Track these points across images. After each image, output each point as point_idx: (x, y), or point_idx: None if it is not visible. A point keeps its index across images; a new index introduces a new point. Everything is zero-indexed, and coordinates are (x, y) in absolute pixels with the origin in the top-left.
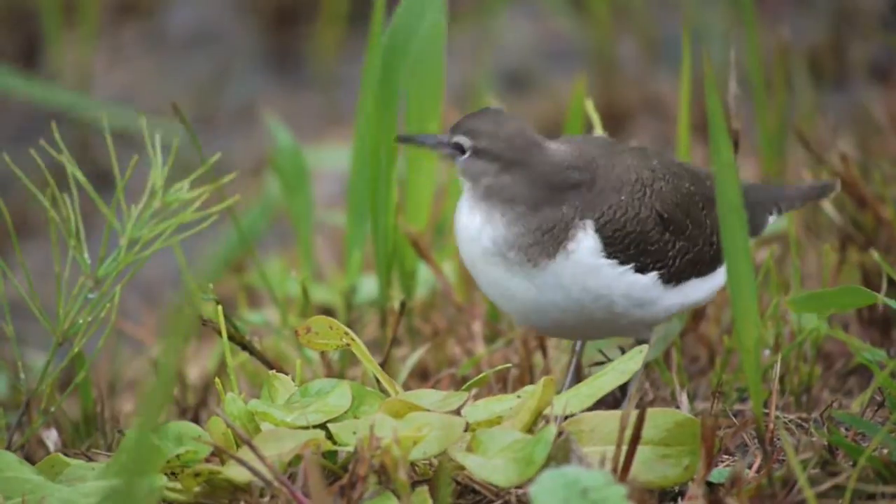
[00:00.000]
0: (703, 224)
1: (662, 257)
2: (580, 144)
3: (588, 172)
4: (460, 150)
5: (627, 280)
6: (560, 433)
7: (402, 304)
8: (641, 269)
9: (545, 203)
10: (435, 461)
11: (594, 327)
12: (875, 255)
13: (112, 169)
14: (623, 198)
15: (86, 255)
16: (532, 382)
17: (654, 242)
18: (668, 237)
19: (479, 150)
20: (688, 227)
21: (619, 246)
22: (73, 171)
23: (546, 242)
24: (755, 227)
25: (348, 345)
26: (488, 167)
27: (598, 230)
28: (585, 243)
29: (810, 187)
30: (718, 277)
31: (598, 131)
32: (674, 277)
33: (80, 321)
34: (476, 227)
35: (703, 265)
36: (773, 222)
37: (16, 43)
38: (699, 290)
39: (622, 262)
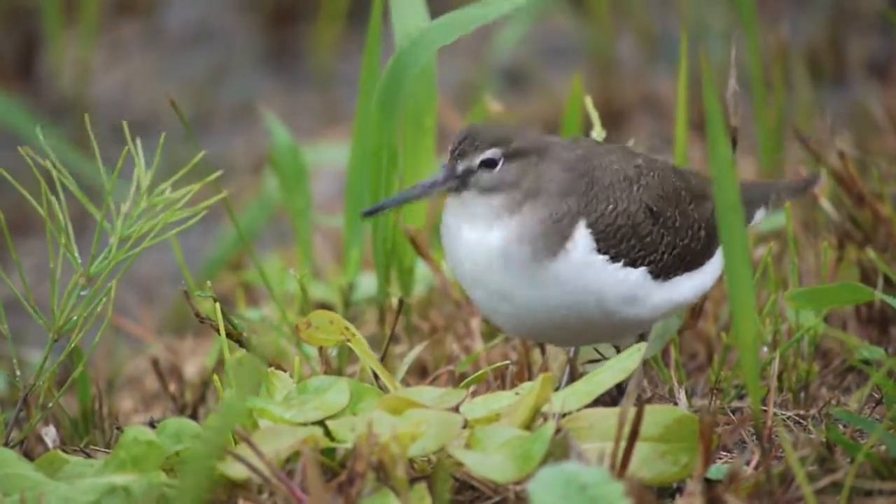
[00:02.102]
0: (691, 217)
1: (653, 250)
2: (570, 143)
3: (586, 171)
4: (489, 165)
5: (619, 275)
6: (558, 430)
7: (401, 302)
8: (632, 263)
9: (559, 194)
10: (433, 458)
11: (585, 329)
12: (872, 253)
13: (109, 167)
14: (613, 195)
15: (77, 254)
16: (530, 379)
17: (646, 235)
18: (657, 229)
19: (513, 152)
20: (676, 218)
21: (612, 241)
22: (61, 176)
23: (552, 234)
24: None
25: (348, 340)
26: (527, 164)
27: (591, 226)
28: (581, 242)
29: (798, 182)
30: (706, 274)
31: (597, 129)
32: (663, 272)
33: (75, 317)
34: (479, 233)
35: (691, 259)
36: (761, 219)
37: (16, 41)
38: (687, 286)
39: (614, 258)
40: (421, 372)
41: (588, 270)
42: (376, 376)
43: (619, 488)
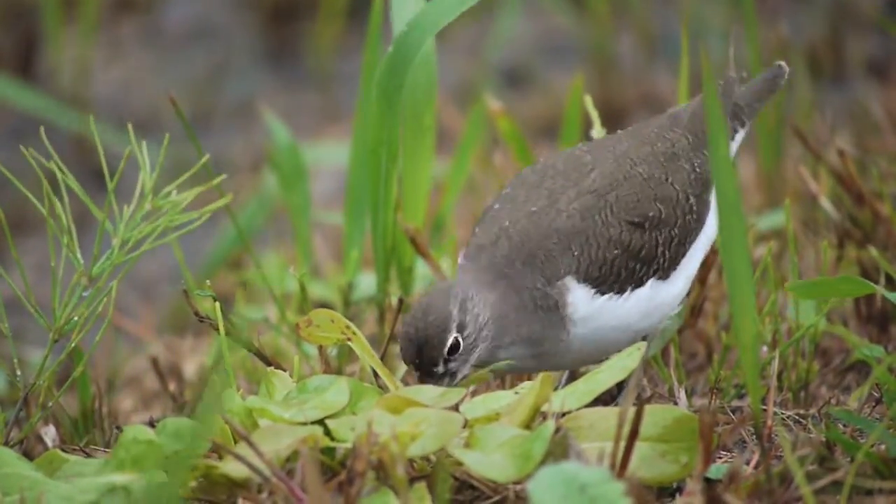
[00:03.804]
0: (673, 194)
1: (653, 257)
2: (499, 219)
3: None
4: (454, 349)
5: (630, 301)
6: (558, 429)
7: (400, 301)
8: (639, 283)
9: (521, 303)
10: (433, 457)
11: (612, 348)
12: (873, 251)
13: (114, 168)
14: (585, 238)
15: (79, 255)
16: (530, 379)
17: (640, 249)
18: (649, 235)
19: (459, 321)
20: (660, 211)
21: (610, 278)
22: (65, 177)
23: (552, 318)
24: None
25: (349, 339)
26: (472, 315)
27: (583, 280)
28: (577, 298)
29: (761, 81)
30: (708, 230)
31: (597, 128)
32: (670, 268)
33: (76, 318)
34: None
35: (691, 235)
36: (741, 136)
37: (15, 38)
38: (698, 253)
39: (620, 291)
40: None
41: (599, 315)
42: (376, 375)
43: (619, 488)
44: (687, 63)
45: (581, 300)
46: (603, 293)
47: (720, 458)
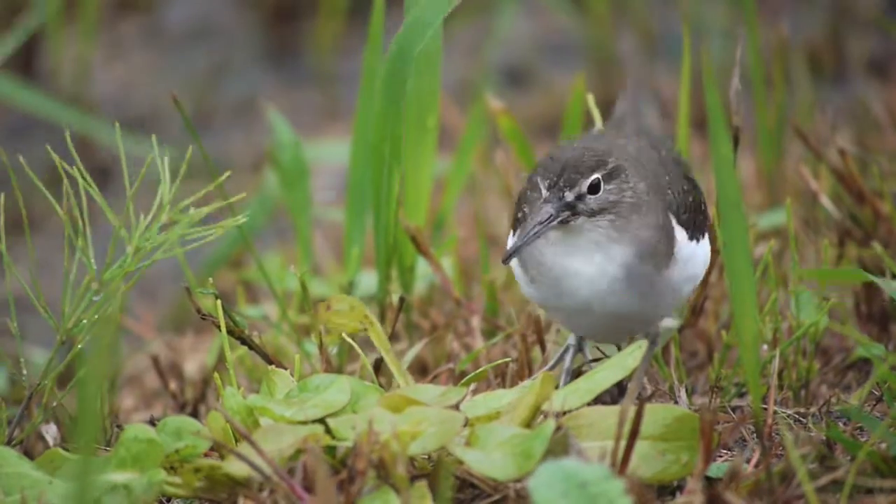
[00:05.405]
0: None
1: (702, 212)
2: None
3: (641, 164)
4: (594, 189)
5: (702, 249)
6: (559, 428)
7: (401, 299)
8: (703, 235)
9: (654, 198)
10: (434, 456)
11: (663, 311)
12: (877, 247)
13: (116, 166)
14: (667, 178)
15: (92, 258)
16: (531, 377)
17: (700, 200)
18: (697, 193)
19: (610, 172)
20: (693, 176)
21: (690, 223)
22: (79, 173)
23: (665, 241)
24: None
25: (365, 329)
26: (621, 181)
27: (675, 215)
28: (681, 236)
29: None
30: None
31: (598, 126)
32: (700, 231)
33: (84, 321)
34: (597, 264)
35: (704, 208)
36: None
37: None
38: (706, 244)
39: (699, 239)
40: (421, 370)
41: (689, 260)
42: (377, 373)
43: (620, 486)
44: (688, 63)
45: (682, 240)
46: (690, 238)
47: (721, 456)
